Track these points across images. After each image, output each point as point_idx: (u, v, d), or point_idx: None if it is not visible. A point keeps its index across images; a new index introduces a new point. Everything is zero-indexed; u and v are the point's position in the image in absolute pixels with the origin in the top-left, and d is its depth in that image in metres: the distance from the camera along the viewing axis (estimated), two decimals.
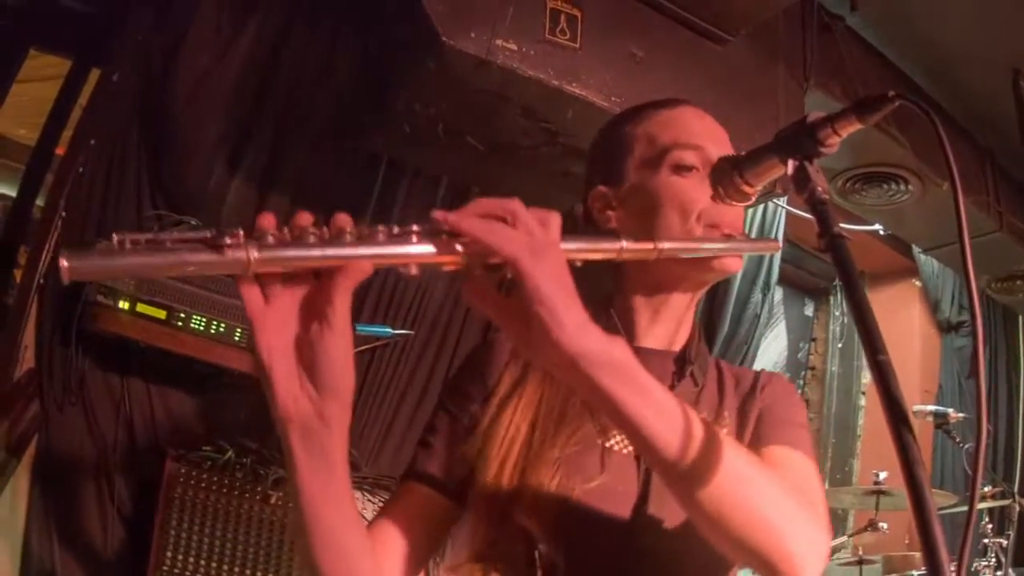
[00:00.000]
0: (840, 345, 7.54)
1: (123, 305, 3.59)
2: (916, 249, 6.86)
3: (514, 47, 3.33)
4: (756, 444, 1.70)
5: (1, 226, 4.68)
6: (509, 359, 1.83)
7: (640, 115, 1.89)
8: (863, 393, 7.39)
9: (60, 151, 4.34)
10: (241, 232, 1.18)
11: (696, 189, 1.72)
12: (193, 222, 3.84)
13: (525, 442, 1.68)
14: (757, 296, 5.83)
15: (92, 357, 3.81)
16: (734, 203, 1.64)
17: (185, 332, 3.69)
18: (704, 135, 1.81)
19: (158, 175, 3.98)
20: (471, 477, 1.70)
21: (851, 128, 1.43)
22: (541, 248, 1.28)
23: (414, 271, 1.29)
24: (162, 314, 3.65)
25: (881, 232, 6.43)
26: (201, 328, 3.72)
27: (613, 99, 3.48)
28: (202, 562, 3.62)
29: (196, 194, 4.01)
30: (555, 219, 1.34)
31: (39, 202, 4.40)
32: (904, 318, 7.21)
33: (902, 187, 5.14)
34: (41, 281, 3.75)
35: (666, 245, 1.58)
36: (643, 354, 1.72)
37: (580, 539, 1.62)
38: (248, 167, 4.17)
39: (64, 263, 1.09)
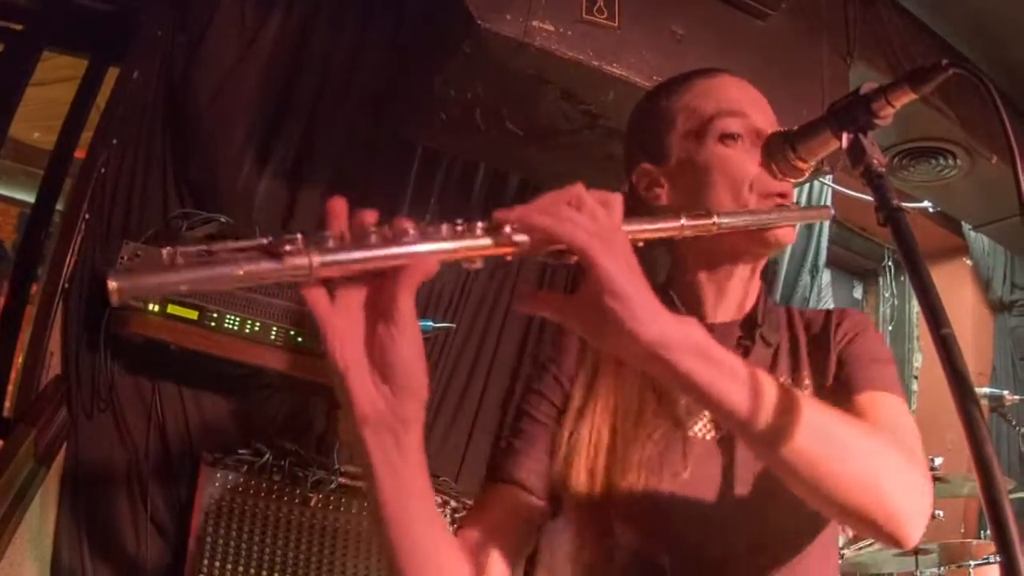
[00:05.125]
0: (891, 327, 7.49)
1: (153, 307, 3.61)
2: (966, 226, 6.82)
3: (551, 28, 3.33)
4: (842, 390, 1.73)
5: (21, 232, 4.72)
6: (578, 363, 1.86)
7: (678, 87, 1.91)
8: (915, 377, 7.33)
9: (79, 154, 4.37)
10: (300, 237, 1.18)
11: (745, 158, 1.75)
12: (222, 219, 3.86)
13: (609, 448, 1.72)
14: (805, 279, 5.82)
15: (121, 361, 3.84)
16: (788, 179, 1.67)
17: (219, 332, 3.70)
18: (746, 102, 1.83)
19: (185, 173, 4.02)
20: (563, 486, 1.74)
21: (905, 99, 1.45)
22: (608, 234, 1.31)
23: (478, 264, 1.32)
24: (194, 315, 3.67)
25: (930, 209, 6.39)
26: (235, 328, 3.72)
27: (655, 78, 3.43)
28: (240, 569, 3.64)
29: (225, 191, 4.04)
30: (617, 201, 1.37)
31: (59, 206, 4.44)
32: (955, 298, 7.15)
33: (950, 162, 5.12)
34: (66, 286, 3.78)
35: (725, 220, 1.59)
36: (713, 329, 1.75)
37: (677, 534, 1.66)
38: (278, 162, 4.19)
39: (112, 285, 1.08)
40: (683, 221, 1.53)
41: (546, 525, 1.80)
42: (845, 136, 1.49)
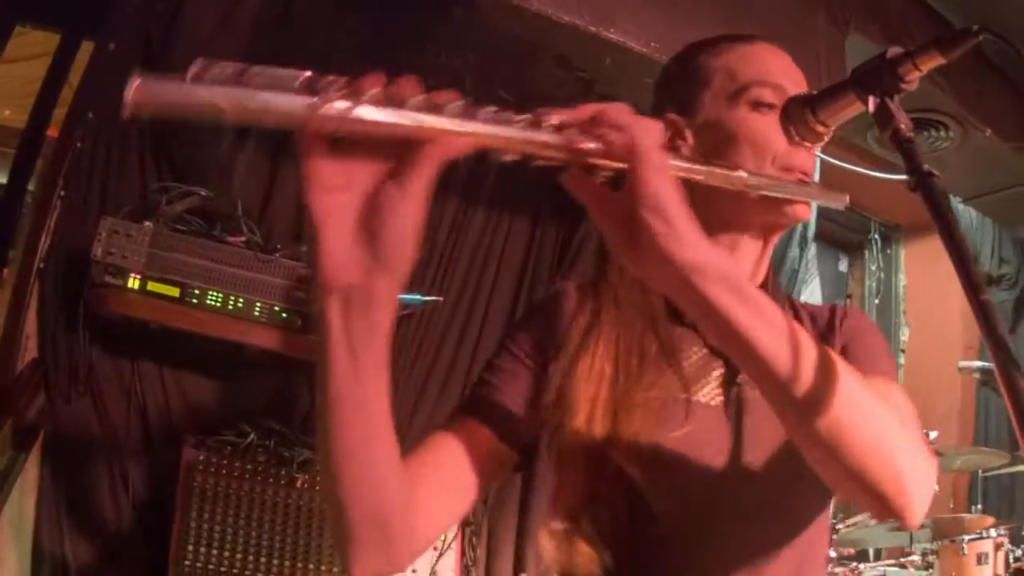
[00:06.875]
0: (877, 301, 7.49)
1: (133, 284, 3.58)
2: (955, 199, 6.84)
3: None
4: None
5: None
6: (576, 308, 1.82)
7: (718, 47, 1.89)
8: (902, 351, 7.34)
9: (52, 132, 4.33)
10: (345, 80, 1.14)
11: (773, 128, 1.69)
12: (202, 193, 3.84)
13: (611, 383, 1.68)
14: (795, 251, 5.79)
15: (100, 343, 3.81)
16: (807, 144, 1.65)
17: (200, 310, 3.68)
18: (784, 74, 1.81)
19: (164, 146, 3.97)
20: (554, 428, 1.69)
21: (933, 63, 1.44)
22: (659, 149, 1.28)
23: (509, 156, 1.27)
24: (175, 292, 3.64)
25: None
26: (218, 305, 3.70)
27: (652, 44, 3.46)
28: (226, 553, 3.62)
29: (204, 164, 4.00)
30: (659, 127, 1.32)
31: (31, 187, 4.39)
32: (943, 272, 7.10)
33: (942, 134, 5.11)
34: (41, 265, 3.74)
35: (753, 180, 1.60)
36: None
37: (677, 486, 1.63)
38: (259, 133, 4.08)
39: (133, 86, 1.03)
40: (713, 167, 1.53)
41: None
42: (872, 100, 1.47)
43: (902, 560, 5.11)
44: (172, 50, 3.93)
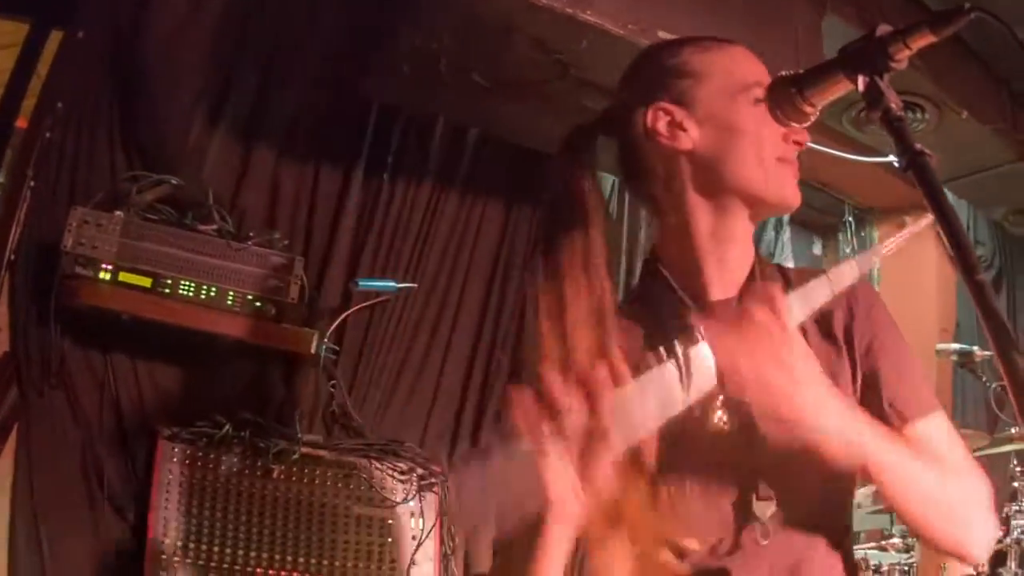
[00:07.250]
0: None
1: (104, 275, 3.54)
2: None
3: None
4: (879, 412, 1.80)
5: None
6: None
7: (706, 45, 1.93)
8: None
9: (21, 123, 4.29)
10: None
11: (770, 122, 1.73)
12: (174, 181, 3.81)
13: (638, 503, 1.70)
14: (770, 234, 5.83)
15: (72, 335, 3.76)
16: (793, 124, 1.65)
17: (173, 300, 3.64)
18: (766, 77, 1.86)
19: (133, 134, 3.94)
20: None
21: (923, 42, 1.44)
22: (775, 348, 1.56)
23: None
24: (147, 282, 3.60)
25: (896, 164, 6.36)
26: (190, 294, 3.67)
27: (629, 27, 3.43)
28: (203, 546, 3.60)
29: (175, 152, 3.97)
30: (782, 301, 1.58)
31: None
32: (918, 254, 7.10)
33: (918, 115, 5.08)
34: (12, 257, 3.69)
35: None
36: (718, 309, 1.83)
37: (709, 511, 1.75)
38: (230, 120, 4.13)
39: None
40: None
41: None
42: (861, 79, 1.47)
43: (883, 543, 5.12)
44: (143, 34, 3.92)
